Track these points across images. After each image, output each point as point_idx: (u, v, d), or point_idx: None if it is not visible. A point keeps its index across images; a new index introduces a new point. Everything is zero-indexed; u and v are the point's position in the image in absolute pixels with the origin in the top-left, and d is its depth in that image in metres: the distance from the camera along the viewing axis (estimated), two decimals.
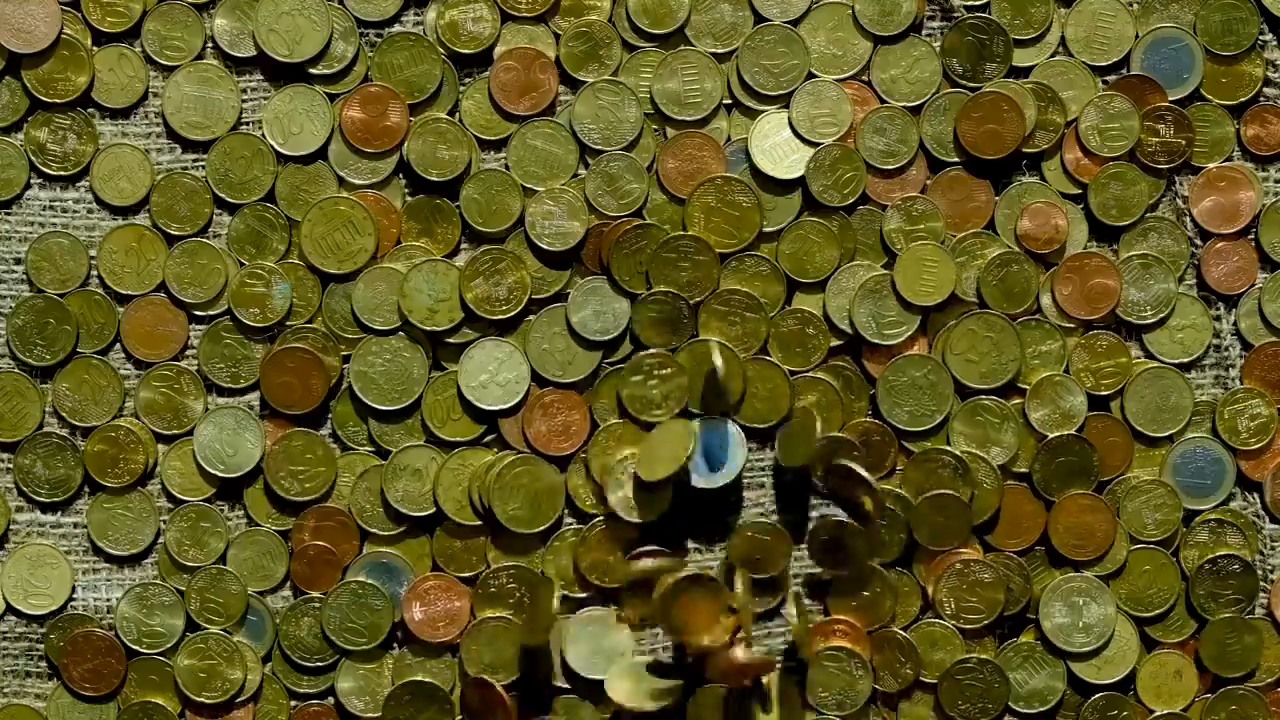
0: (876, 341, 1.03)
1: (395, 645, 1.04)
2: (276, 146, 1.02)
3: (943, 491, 1.02)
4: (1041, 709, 1.05)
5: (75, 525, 1.04)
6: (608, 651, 1.02)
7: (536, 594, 1.01)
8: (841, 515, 1.02)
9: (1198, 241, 1.05)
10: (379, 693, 1.04)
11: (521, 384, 1.02)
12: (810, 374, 1.03)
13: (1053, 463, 1.04)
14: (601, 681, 1.01)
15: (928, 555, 1.04)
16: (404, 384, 1.02)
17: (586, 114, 1.03)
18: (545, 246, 1.02)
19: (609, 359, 1.03)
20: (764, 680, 1.01)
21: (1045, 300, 1.04)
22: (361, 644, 1.03)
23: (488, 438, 1.03)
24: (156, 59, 1.03)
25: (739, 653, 0.97)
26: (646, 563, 1.02)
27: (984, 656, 1.04)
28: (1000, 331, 1.03)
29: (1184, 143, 1.04)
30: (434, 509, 1.03)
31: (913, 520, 1.03)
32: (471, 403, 1.02)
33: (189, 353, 1.04)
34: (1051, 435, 1.03)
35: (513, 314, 1.02)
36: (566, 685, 1.03)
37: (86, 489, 1.04)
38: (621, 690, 1.00)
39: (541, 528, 1.02)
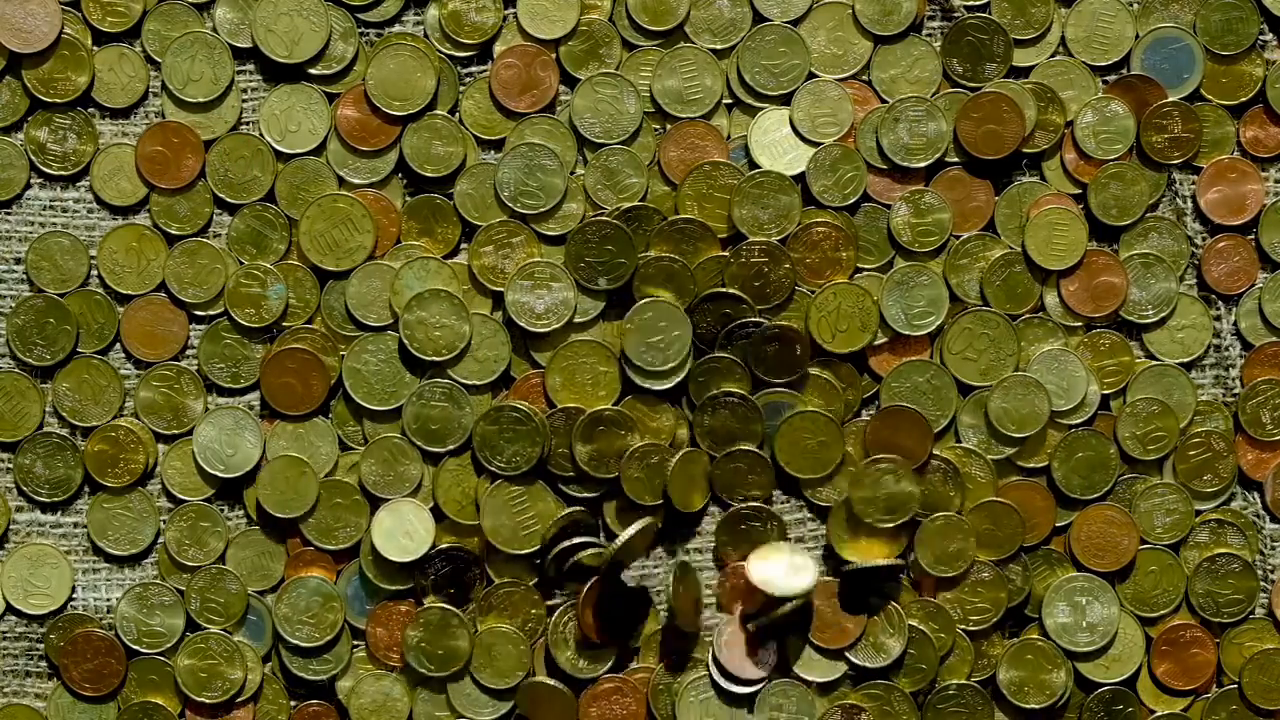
0: (907, 333, 1.03)
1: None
2: (274, 144, 1.03)
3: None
4: (1049, 704, 1.05)
5: (75, 525, 1.04)
6: None
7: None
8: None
9: (1198, 241, 1.05)
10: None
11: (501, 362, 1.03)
12: (813, 370, 1.03)
13: (1071, 459, 1.04)
14: None
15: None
16: (395, 385, 1.02)
17: (586, 108, 1.03)
18: (543, 231, 1.03)
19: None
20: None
21: (1050, 299, 1.04)
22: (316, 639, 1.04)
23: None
24: (156, 59, 1.03)
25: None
26: None
27: (963, 682, 1.04)
28: (997, 328, 1.03)
29: (1192, 135, 1.04)
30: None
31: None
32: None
33: (189, 353, 1.04)
34: (1068, 433, 1.04)
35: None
36: None
37: (86, 489, 1.04)
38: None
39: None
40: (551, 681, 1.02)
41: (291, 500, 1.02)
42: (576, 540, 1.01)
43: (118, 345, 1.04)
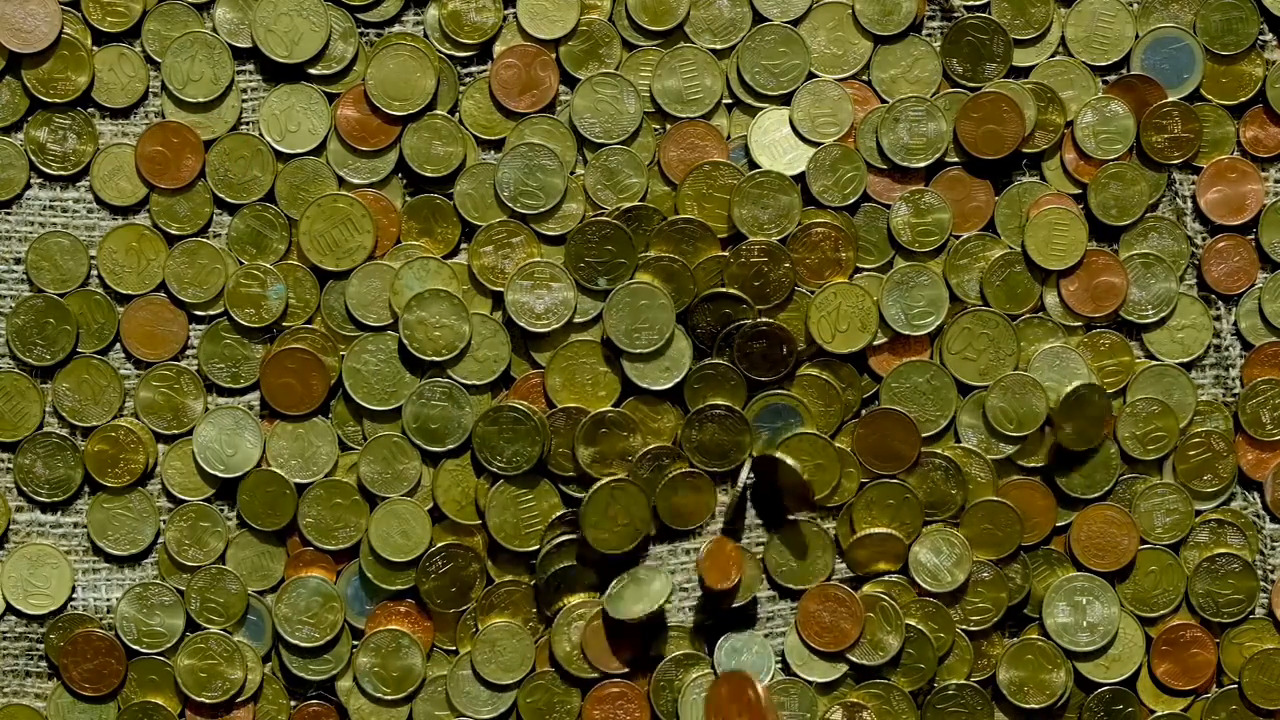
0: (907, 333, 1.03)
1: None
2: (274, 144, 1.03)
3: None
4: (1049, 704, 1.05)
5: (75, 525, 1.04)
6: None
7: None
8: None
9: (1198, 241, 1.05)
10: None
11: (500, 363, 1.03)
12: (813, 370, 1.03)
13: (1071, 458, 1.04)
14: None
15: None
16: (394, 385, 1.02)
17: (586, 108, 1.03)
18: (543, 231, 1.03)
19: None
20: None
21: (1050, 299, 1.04)
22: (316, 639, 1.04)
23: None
24: (156, 59, 1.03)
25: None
26: None
27: (962, 682, 1.04)
28: (996, 328, 1.03)
29: (1192, 135, 1.04)
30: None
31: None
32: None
33: (189, 353, 1.04)
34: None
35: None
36: None
37: (86, 489, 1.04)
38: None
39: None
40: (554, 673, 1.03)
41: (268, 515, 1.02)
42: (562, 539, 1.02)
43: (118, 345, 1.04)
